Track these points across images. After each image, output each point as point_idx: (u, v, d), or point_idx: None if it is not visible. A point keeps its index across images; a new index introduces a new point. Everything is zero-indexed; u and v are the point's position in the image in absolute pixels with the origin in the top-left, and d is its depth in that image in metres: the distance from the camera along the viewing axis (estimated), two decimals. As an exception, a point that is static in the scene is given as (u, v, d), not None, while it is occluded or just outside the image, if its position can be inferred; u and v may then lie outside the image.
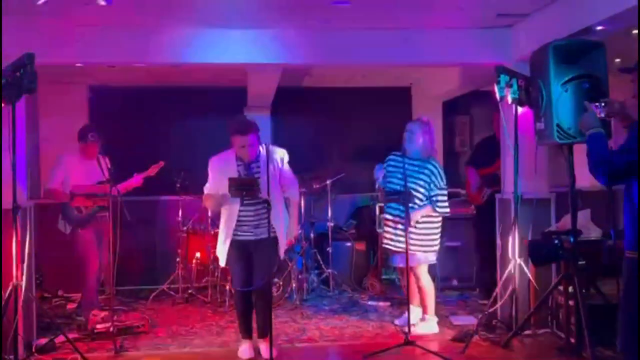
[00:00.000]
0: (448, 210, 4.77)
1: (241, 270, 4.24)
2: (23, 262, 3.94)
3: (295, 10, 4.50)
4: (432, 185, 4.70)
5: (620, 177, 2.70)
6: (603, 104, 2.99)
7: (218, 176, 4.21)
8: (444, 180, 4.76)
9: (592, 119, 2.92)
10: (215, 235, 5.31)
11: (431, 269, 5.00)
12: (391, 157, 4.91)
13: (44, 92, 5.34)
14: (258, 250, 4.19)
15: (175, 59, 4.93)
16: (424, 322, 4.85)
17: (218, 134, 4.27)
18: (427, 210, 4.70)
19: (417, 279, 4.83)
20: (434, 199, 4.70)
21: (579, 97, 3.76)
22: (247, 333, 4.32)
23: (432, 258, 4.87)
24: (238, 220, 4.19)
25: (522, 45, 4.82)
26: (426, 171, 4.72)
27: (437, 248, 4.86)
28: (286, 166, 4.36)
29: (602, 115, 3.04)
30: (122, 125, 6.78)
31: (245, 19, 4.67)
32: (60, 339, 4.41)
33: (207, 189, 4.31)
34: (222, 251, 4.28)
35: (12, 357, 3.89)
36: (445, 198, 4.76)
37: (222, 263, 4.34)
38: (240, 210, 4.16)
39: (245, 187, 4.02)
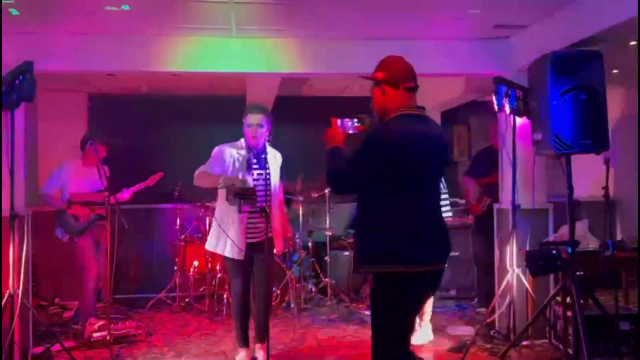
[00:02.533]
0: (450, 214, 4.82)
1: (241, 275, 4.21)
2: (20, 269, 3.93)
3: (293, 20, 4.52)
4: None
5: (348, 189, 2.76)
6: (356, 120, 2.99)
7: (218, 162, 4.11)
8: (445, 186, 4.78)
9: (335, 134, 2.92)
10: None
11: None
12: None
13: (43, 100, 5.35)
14: (257, 252, 4.15)
15: (175, 68, 4.94)
16: (420, 330, 4.84)
17: (217, 143, 4.27)
18: None
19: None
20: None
21: (576, 108, 3.78)
22: (244, 342, 4.30)
23: None
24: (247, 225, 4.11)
25: (520, 56, 4.84)
26: None
27: None
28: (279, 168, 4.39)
29: (352, 131, 3.02)
30: (121, 133, 6.78)
31: (244, 28, 4.68)
32: (57, 347, 4.38)
33: (201, 167, 4.13)
34: (236, 247, 4.09)
35: (7, 365, 3.86)
36: (447, 202, 4.79)
37: (237, 257, 4.11)
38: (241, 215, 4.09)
39: (243, 196, 4.01)
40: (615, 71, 5.35)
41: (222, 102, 7.10)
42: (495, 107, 4.49)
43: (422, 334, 4.83)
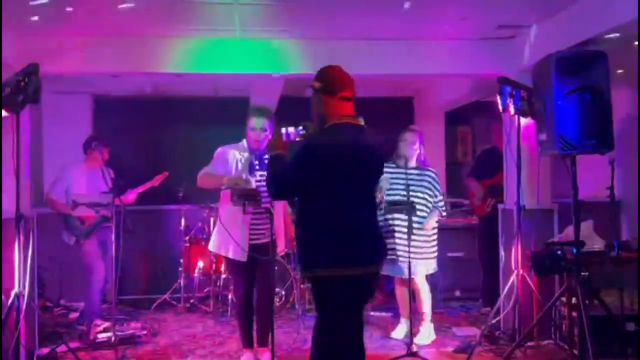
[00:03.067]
0: (444, 214, 4.95)
1: (244, 276, 4.22)
2: (25, 271, 3.94)
3: (297, 21, 4.52)
4: (435, 192, 4.78)
5: (283, 195, 2.87)
6: (301, 128, 3.05)
7: (221, 163, 4.13)
8: (438, 189, 4.90)
9: (278, 142, 2.98)
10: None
11: (433, 279, 5.00)
12: (387, 168, 4.94)
13: (48, 102, 5.37)
14: (260, 254, 4.11)
15: (178, 69, 4.95)
16: (424, 330, 4.85)
17: (220, 144, 4.28)
18: (436, 216, 4.79)
19: (419, 289, 4.82)
20: (438, 204, 4.80)
21: (581, 108, 3.77)
22: (248, 343, 4.30)
23: (434, 266, 4.92)
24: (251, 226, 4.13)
25: (524, 56, 4.84)
26: (428, 178, 4.82)
27: (436, 255, 4.92)
28: None
29: (296, 138, 3.09)
30: (125, 135, 6.80)
31: (248, 29, 4.69)
32: (62, 348, 4.40)
33: (204, 169, 4.15)
34: (231, 243, 4.09)
35: (13, 366, 3.88)
36: (443, 202, 4.92)
37: (240, 258, 4.12)
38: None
39: (247, 197, 4.01)
40: (620, 71, 5.33)
41: (226, 103, 7.11)
42: (500, 108, 4.48)
43: (424, 335, 4.83)
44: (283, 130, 3.05)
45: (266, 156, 4.17)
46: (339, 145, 2.69)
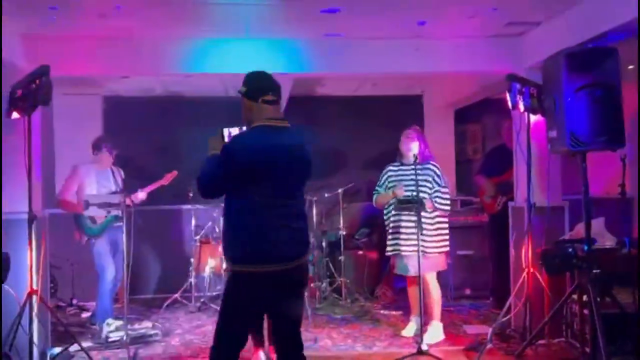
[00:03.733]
0: (448, 208, 4.82)
1: None
2: (38, 271, 3.97)
3: (305, 21, 4.52)
4: (434, 185, 4.78)
5: (207, 194, 2.91)
6: (244, 129, 3.10)
7: None
8: (443, 180, 4.84)
9: (217, 142, 3.04)
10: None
11: (443, 277, 4.99)
12: (390, 167, 4.96)
13: (58, 103, 5.40)
14: None
15: (187, 69, 4.97)
16: (432, 329, 4.84)
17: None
18: (427, 203, 4.73)
19: (428, 287, 4.80)
20: (434, 194, 4.75)
21: (592, 105, 3.74)
22: (259, 341, 4.32)
23: (444, 263, 4.91)
24: None
25: (534, 53, 4.81)
26: (429, 172, 4.81)
27: (446, 250, 4.89)
28: None
29: None
30: (136, 135, 6.82)
31: (256, 29, 4.70)
32: (75, 347, 4.43)
33: None
34: None
35: (27, 365, 3.91)
36: (447, 196, 4.81)
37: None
38: None
39: None
40: (630, 67, 5.29)
41: (236, 103, 7.11)
42: (509, 105, 4.47)
43: (432, 334, 4.81)
44: (226, 131, 3.13)
45: None
46: (255, 147, 2.81)
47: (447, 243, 4.89)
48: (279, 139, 2.87)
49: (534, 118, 4.50)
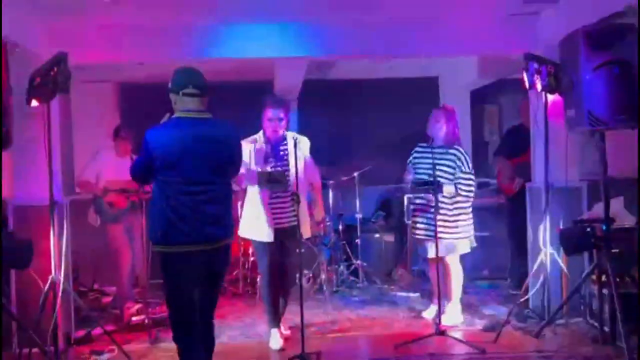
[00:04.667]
0: (472, 194, 4.74)
1: (267, 256, 4.37)
2: (60, 256, 4.05)
3: (318, 4, 4.51)
4: (457, 170, 4.70)
5: (136, 180, 3.32)
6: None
7: (247, 155, 4.32)
8: (470, 166, 4.75)
9: None
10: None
11: (461, 259, 4.99)
12: (417, 148, 4.93)
13: (74, 91, 5.44)
14: (284, 239, 4.36)
15: (202, 55, 4.99)
16: (450, 310, 4.86)
17: (244, 128, 4.35)
18: (450, 189, 4.66)
19: (447, 268, 4.81)
20: (456, 180, 4.68)
21: (610, 83, 3.71)
22: (275, 322, 4.44)
23: (465, 247, 4.85)
24: (271, 208, 4.33)
25: (550, 31, 4.75)
26: (450, 157, 4.72)
27: (468, 235, 4.82)
28: (309, 154, 4.53)
29: None
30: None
31: (271, 12, 4.70)
32: (97, 331, 4.53)
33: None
34: (266, 231, 4.30)
35: (52, 348, 4.01)
36: (471, 182, 4.73)
37: (267, 239, 4.33)
38: (271, 199, 4.32)
39: (274, 181, 4.12)
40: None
41: (249, 88, 7.13)
42: (527, 85, 4.43)
43: (451, 315, 4.83)
44: (167, 116, 3.30)
45: (281, 147, 4.29)
46: (167, 137, 3.08)
47: (468, 229, 4.80)
48: (194, 129, 3.10)
49: (551, 97, 4.46)
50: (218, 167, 3.16)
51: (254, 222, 4.36)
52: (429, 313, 4.99)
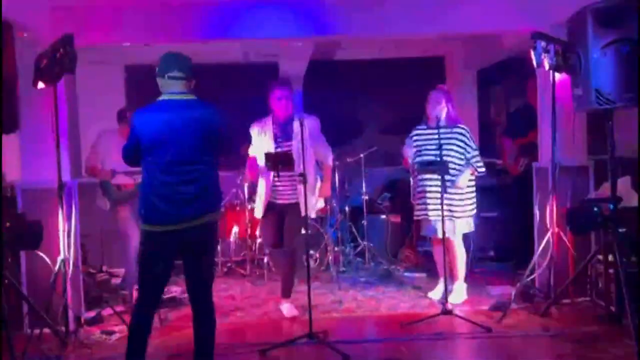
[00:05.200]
0: (484, 169, 4.81)
1: (273, 230, 4.68)
2: (70, 238, 4.09)
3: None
4: (467, 149, 4.71)
5: (127, 160, 3.37)
6: None
7: (257, 138, 4.62)
8: (474, 142, 4.82)
9: None
10: (252, 211, 5.50)
11: (467, 239, 5.01)
12: (416, 131, 4.94)
13: (80, 73, 5.45)
14: (290, 212, 4.58)
15: (208, 36, 4.97)
16: (456, 290, 4.90)
17: (251, 110, 4.40)
18: (469, 173, 4.71)
19: (453, 248, 4.84)
20: (472, 160, 4.72)
21: (619, 62, 3.68)
22: (286, 292, 4.69)
23: (469, 226, 4.89)
24: (274, 186, 4.60)
25: (558, 9, 4.68)
26: (458, 136, 4.74)
27: (474, 213, 4.87)
28: (319, 133, 4.65)
29: None
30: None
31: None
32: (107, 311, 4.59)
33: (251, 150, 4.69)
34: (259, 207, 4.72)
35: (63, 328, 4.07)
36: (480, 158, 4.78)
37: (258, 215, 4.78)
38: (276, 179, 4.45)
39: (281, 162, 4.14)
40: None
41: (254, 69, 7.12)
42: (534, 64, 4.40)
43: (457, 294, 4.87)
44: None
45: (290, 127, 4.40)
46: (149, 118, 3.17)
47: (474, 206, 4.87)
48: (178, 111, 3.18)
49: (558, 76, 4.43)
50: (201, 148, 3.21)
51: (258, 199, 4.72)
52: (436, 293, 5.03)
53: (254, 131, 4.65)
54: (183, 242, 3.21)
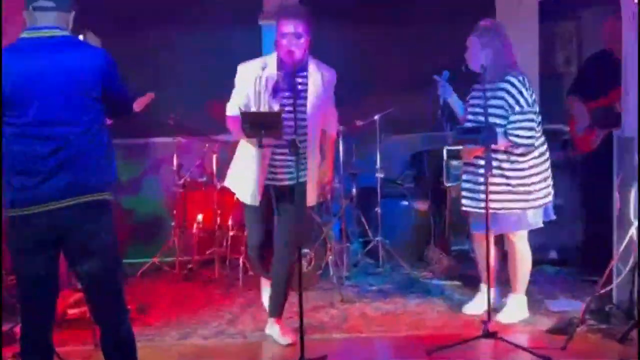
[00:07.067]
0: (530, 141, 4.66)
1: (257, 225, 4.59)
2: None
3: None
4: (510, 111, 4.66)
5: None
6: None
7: (245, 84, 4.41)
8: (529, 99, 4.68)
9: None
10: (223, 190, 5.46)
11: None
12: (473, 90, 4.94)
13: None
14: (282, 201, 4.46)
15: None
16: (511, 304, 4.93)
17: (229, 48, 4.32)
18: (503, 142, 4.64)
19: (512, 249, 4.89)
20: (509, 126, 4.63)
21: None
22: (278, 310, 4.63)
23: (535, 219, 4.89)
24: (272, 160, 4.42)
25: None
26: (500, 93, 4.68)
27: (539, 203, 4.83)
28: (331, 92, 4.58)
29: None
30: (118, 36, 6.61)
31: None
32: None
33: (232, 106, 4.47)
34: (251, 189, 4.48)
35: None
36: (529, 125, 4.64)
37: (250, 202, 4.53)
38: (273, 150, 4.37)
39: (264, 125, 4.05)
40: None
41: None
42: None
43: (513, 311, 4.91)
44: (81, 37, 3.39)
45: (300, 77, 4.34)
46: (7, 64, 3.08)
47: (547, 191, 4.84)
48: (43, 54, 3.14)
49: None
50: (76, 104, 3.19)
51: (241, 177, 4.52)
52: (473, 308, 5.07)
53: (243, 74, 4.44)
54: (56, 229, 3.19)
